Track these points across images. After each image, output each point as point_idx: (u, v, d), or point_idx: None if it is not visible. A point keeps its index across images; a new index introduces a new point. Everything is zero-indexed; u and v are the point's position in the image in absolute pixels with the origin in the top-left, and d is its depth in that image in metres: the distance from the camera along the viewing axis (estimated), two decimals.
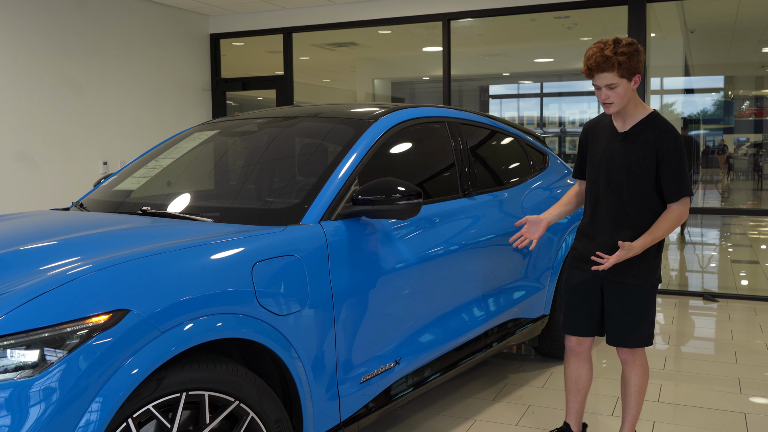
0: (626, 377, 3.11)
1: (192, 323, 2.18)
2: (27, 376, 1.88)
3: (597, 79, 2.85)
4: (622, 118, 2.98)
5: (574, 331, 3.14)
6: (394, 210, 2.83)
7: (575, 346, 3.17)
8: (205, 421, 2.24)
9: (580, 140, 3.23)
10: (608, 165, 2.98)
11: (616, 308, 3.01)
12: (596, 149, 3.07)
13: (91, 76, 6.80)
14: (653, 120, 2.94)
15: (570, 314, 3.15)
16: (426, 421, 3.67)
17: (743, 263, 8.34)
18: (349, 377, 2.80)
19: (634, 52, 2.83)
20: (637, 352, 3.06)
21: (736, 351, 4.86)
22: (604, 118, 3.10)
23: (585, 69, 2.90)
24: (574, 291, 3.13)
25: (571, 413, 3.26)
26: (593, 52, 2.84)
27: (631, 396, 3.10)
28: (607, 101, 2.88)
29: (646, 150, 2.90)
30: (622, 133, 2.96)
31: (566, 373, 3.24)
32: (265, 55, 8.59)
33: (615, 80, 2.82)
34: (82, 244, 2.50)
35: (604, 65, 2.80)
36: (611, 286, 3.01)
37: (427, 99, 8.75)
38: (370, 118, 3.35)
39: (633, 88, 2.88)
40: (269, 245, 2.54)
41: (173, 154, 3.79)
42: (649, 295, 3.00)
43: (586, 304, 3.09)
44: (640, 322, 3.00)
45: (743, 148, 9.14)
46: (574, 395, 3.23)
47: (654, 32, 6.77)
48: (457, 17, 7.21)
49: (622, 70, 2.81)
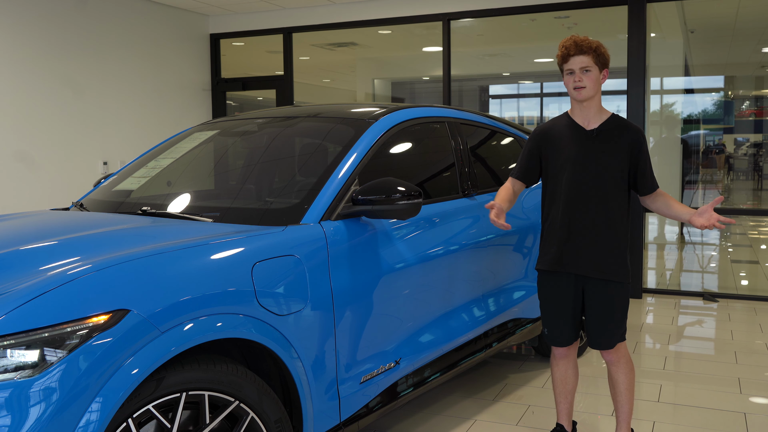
0: (614, 377, 3.13)
1: (192, 323, 2.18)
2: (27, 376, 1.88)
3: (572, 62, 2.96)
4: (586, 116, 3.03)
5: (563, 342, 3.15)
6: (394, 210, 2.83)
7: (564, 352, 3.19)
8: (205, 421, 2.24)
9: (530, 145, 3.18)
10: (580, 164, 3.00)
11: (601, 309, 3.02)
12: (561, 149, 3.06)
13: (91, 76, 6.80)
14: (618, 119, 3.06)
15: (554, 325, 3.14)
16: (426, 421, 3.67)
17: (743, 263, 8.34)
18: (349, 377, 2.80)
19: (604, 48, 3.01)
20: (621, 350, 3.08)
21: (736, 351, 4.86)
22: (560, 121, 3.12)
23: (561, 53, 2.98)
24: (554, 300, 3.12)
25: (562, 414, 3.29)
26: (566, 40, 2.99)
27: (622, 395, 3.12)
28: (580, 84, 2.95)
29: (622, 147, 2.99)
30: (593, 131, 3.02)
31: (554, 376, 3.26)
32: (265, 55, 8.59)
33: (589, 64, 2.94)
34: (82, 244, 2.50)
35: (583, 46, 2.94)
36: (596, 287, 3.02)
37: (427, 99, 8.75)
38: (370, 118, 3.35)
39: (601, 81, 3.01)
40: (269, 245, 2.54)
41: (173, 154, 3.79)
42: (628, 290, 3.06)
43: (568, 311, 3.09)
44: (621, 320, 3.04)
45: (743, 148, 9.14)
46: (564, 396, 3.25)
47: (654, 32, 6.77)
48: (457, 17, 7.21)
49: (596, 56, 2.95)
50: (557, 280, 3.09)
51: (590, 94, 2.97)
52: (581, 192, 3.00)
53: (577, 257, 3.02)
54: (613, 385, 3.14)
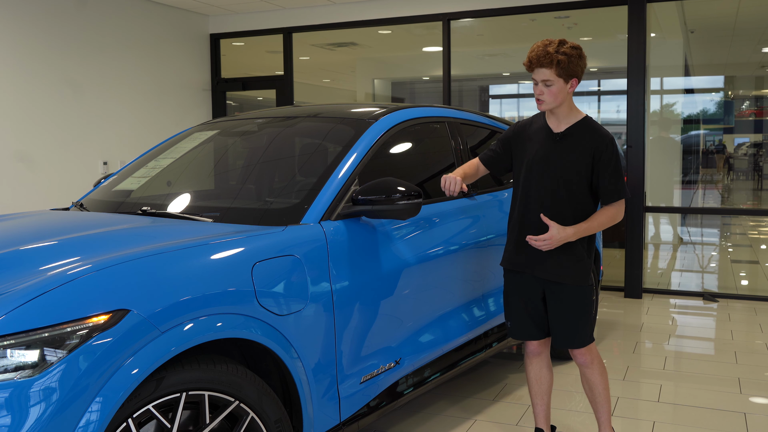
0: (589, 379, 3.13)
1: (192, 323, 2.18)
2: (27, 376, 1.88)
3: (535, 73, 2.89)
4: (557, 119, 3.01)
5: (528, 336, 3.14)
6: (394, 210, 2.83)
7: (536, 349, 3.18)
8: (205, 421, 2.24)
9: (506, 134, 3.19)
10: (543, 165, 2.98)
11: (559, 310, 3.02)
12: (527, 149, 3.06)
13: (91, 76, 6.80)
14: (587, 123, 2.98)
15: (516, 320, 3.15)
16: (426, 421, 3.67)
17: (743, 263, 8.34)
18: (349, 377, 2.80)
19: (576, 57, 2.88)
20: (593, 352, 3.09)
21: (736, 351, 4.86)
22: (538, 119, 3.10)
23: (526, 61, 2.92)
24: (515, 296, 3.13)
25: (540, 417, 3.26)
26: (536, 47, 2.90)
27: (599, 395, 3.13)
28: (540, 97, 2.92)
29: (583, 151, 2.93)
30: (558, 134, 2.99)
31: (529, 377, 3.25)
32: (265, 55, 8.59)
33: (551, 77, 2.87)
34: (82, 244, 2.50)
35: (543, 60, 2.85)
36: (552, 289, 3.02)
37: (427, 99, 8.75)
38: (370, 118, 3.35)
39: (569, 90, 2.93)
40: (269, 245, 2.54)
41: (173, 154, 3.79)
42: (588, 294, 3.01)
43: (529, 307, 3.09)
44: (583, 322, 3.02)
45: (743, 148, 9.14)
46: (540, 397, 3.24)
47: (654, 32, 6.77)
48: (457, 17, 7.21)
49: (560, 70, 2.85)
50: (517, 278, 3.11)
51: (550, 106, 2.94)
52: (537, 193, 2.99)
53: (531, 259, 3.01)
54: (590, 387, 3.13)
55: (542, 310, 3.09)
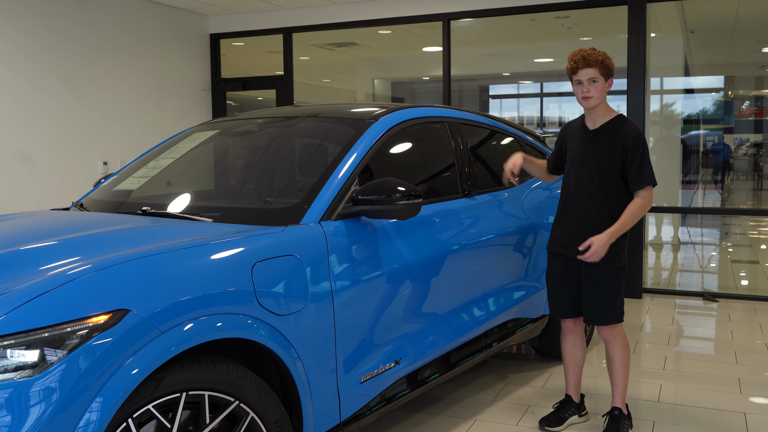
0: (610, 354, 3.45)
1: (192, 323, 2.18)
2: (27, 376, 1.88)
3: (581, 74, 3.29)
4: (593, 118, 3.40)
5: (563, 314, 3.53)
6: (394, 210, 2.83)
7: (570, 326, 3.57)
8: (205, 421, 2.24)
9: (558, 138, 3.64)
10: (580, 160, 3.39)
11: (592, 289, 3.36)
12: (570, 147, 3.50)
13: (91, 76, 6.80)
14: (620, 120, 3.36)
15: (555, 299, 3.55)
16: (426, 421, 3.67)
17: (743, 263, 8.34)
18: (349, 377, 2.80)
19: (610, 59, 3.34)
20: (617, 329, 3.41)
21: (736, 351, 4.86)
22: (577, 121, 3.53)
23: (570, 65, 3.32)
24: (555, 277, 3.52)
25: (570, 385, 3.63)
26: (578, 52, 3.32)
27: (617, 370, 3.43)
28: (588, 94, 3.30)
29: (614, 145, 3.30)
30: (593, 131, 3.39)
31: (564, 351, 3.63)
32: (265, 55, 8.59)
33: (597, 76, 3.28)
34: (82, 244, 2.50)
35: (591, 60, 3.27)
36: (586, 268, 3.36)
37: (427, 99, 8.75)
38: (370, 118, 3.35)
39: (607, 89, 3.34)
40: (269, 245, 2.54)
41: (173, 154, 3.79)
42: (618, 275, 3.37)
43: (566, 288, 3.47)
44: (614, 301, 3.35)
45: (743, 148, 9.14)
46: (572, 369, 3.62)
47: (654, 32, 6.77)
48: (457, 17, 7.21)
49: (603, 68, 3.29)
50: (558, 260, 3.50)
51: (596, 102, 3.32)
52: (575, 184, 3.40)
53: (571, 242, 3.38)
54: (610, 361, 3.46)
55: (577, 290, 3.44)
